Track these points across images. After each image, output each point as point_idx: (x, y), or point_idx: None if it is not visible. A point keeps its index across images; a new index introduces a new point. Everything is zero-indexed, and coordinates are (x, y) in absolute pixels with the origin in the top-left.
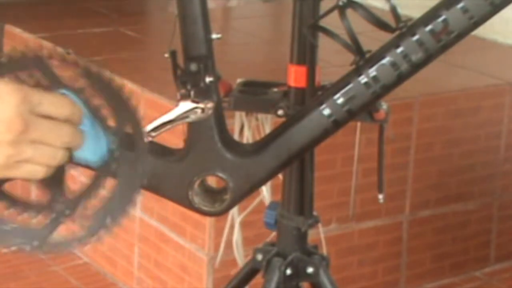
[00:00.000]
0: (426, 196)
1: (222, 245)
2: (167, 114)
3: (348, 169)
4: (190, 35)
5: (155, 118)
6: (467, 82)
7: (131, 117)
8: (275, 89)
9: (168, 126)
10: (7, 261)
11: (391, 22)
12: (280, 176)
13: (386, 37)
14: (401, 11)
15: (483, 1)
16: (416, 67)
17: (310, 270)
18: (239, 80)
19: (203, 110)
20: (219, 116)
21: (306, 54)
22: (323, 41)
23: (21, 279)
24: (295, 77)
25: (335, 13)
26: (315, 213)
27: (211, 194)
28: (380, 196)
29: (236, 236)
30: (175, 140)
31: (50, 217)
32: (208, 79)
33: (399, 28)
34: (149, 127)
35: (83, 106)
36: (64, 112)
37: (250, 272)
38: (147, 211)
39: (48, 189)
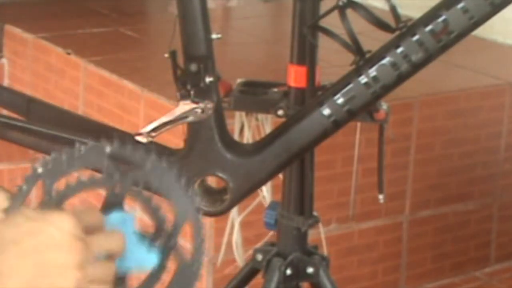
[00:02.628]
0: (426, 196)
1: (224, 245)
2: (167, 114)
3: (348, 169)
4: (190, 35)
5: (155, 118)
6: (467, 82)
7: (191, 217)
8: (275, 89)
9: (168, 126)
10: None
11: (391, 22)
12: (280, 176)
13: (386, 37)
14: (401, 11)
15: (483, 1)
16: (416, 67)
17: (310, 270)
18: (239, 80)
19: (203, 110)
20: (219, 116)
21: (306, 54)
22: (323, 41)
23: None
24: (295, 77)
25: (335, 13)
26: (315, 213)
27: (211, 194)
28: (380, 196)
29: (236, 236)
30: (175, 140)
31: None
32: (208, 79)
33: (399, 28)
34: (149, 127)
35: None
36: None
37: (250, 272)
38: None
39: None
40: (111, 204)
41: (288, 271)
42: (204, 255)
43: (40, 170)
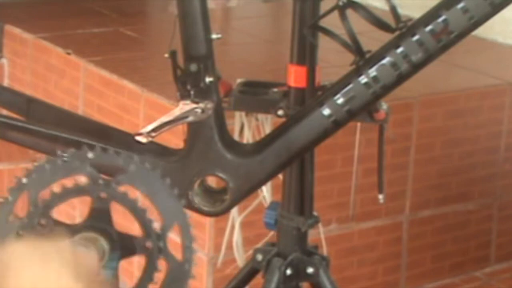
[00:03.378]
0: (426, 196)
1: (224, 245)
2: (167, 114)
3: (348, 169)
4: (190, 35)
5: (155, 118)
6: (467, 82)
7: (179, 217)
8: (275, 89)
9: (168, 126)
10: None
11: (391, 22)
12: (280, 176)
13: (386, 37)
14: (401, 11)
15: (483, 1)
16: (416, 67)
17: (310, 270)
18: (239, 80)
19: (203, 110)
20: (219, 116)
21: (306, 54)
22: (323, 41)
23: None
24: (295, 77)
25: (335, 13)
26: (315, 213)
27: (211, 194)
28: (380, 196)
29: (236, 236)
30: (175, 140)
31: None
32: (208, 79)
33: (399, 28)
34: (149, 127)
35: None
36: None
37: (250, 272)
38: None
39: None
40: (98, 210)
41: (288, 271)
42: (195, 253)
43: (24, 180)
